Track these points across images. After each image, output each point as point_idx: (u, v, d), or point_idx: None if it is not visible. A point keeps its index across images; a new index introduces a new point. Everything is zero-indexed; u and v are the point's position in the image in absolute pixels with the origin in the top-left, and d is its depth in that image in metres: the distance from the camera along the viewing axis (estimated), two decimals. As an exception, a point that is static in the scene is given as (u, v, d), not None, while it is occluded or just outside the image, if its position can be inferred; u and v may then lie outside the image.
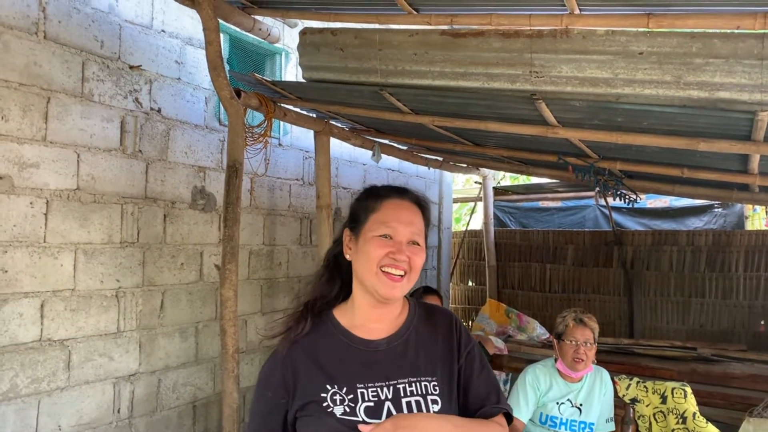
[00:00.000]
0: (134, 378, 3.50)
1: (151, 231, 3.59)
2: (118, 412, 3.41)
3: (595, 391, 2.90)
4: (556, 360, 2.98)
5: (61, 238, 3.10)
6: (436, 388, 1.43)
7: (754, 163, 3.31)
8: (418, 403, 1.39)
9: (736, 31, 2.38)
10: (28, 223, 2.96)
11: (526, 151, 4.41)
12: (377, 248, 1.41)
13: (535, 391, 2.90)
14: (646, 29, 2.48)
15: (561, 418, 2.85)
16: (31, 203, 2.97)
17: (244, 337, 4.32)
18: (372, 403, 1.36)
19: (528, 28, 2.69)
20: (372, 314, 1.47)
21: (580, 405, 2.87)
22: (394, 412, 1.35)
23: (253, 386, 1.52)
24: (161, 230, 3.66)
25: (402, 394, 1.39)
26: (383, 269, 1.40)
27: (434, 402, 1.41)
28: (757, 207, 6.73)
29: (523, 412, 2.87)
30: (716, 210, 6.82)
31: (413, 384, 1.42)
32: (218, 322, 4.02)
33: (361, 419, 1.33)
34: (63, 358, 3.12)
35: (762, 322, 5.92)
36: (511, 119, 3.35)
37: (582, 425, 2.84)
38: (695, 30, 2.46)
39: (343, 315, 1.49)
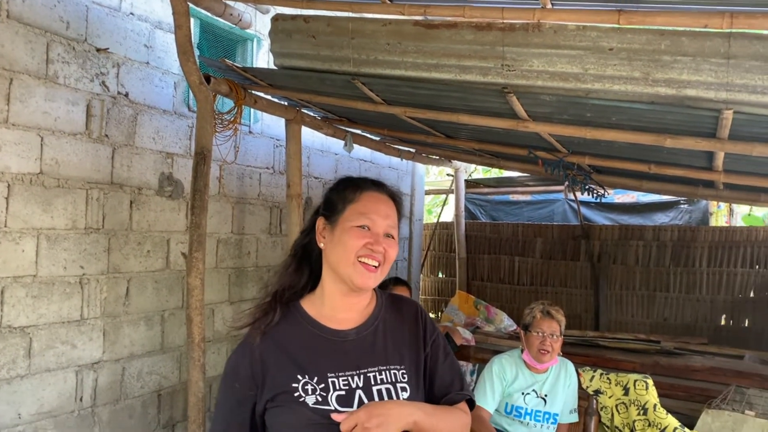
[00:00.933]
0: (98, 366, 3.45)
1: (117, 217, 3.53)
2: (81, 400, 3.35)
3: (560, 383, 2.94)
4: (522, 351, 3.02)
5: (22, 223, 3.03)
6: (405, 375, 1.47)
7: (719, 161, 3.37)
8: (388, 390, 1.42)
9: (703, 29, 2.40)
10: (-12, 207, 2.89)
11: (497, 144, 4.43)
12: (356, 238, 1.43)
13: (501, 381, 2.93)
14: (617, 25, 2.49)
15: (526, 408, 2.89)
16: (-9, 187, 2.90)
17: (210, 326, 4.27)
18: (343, 392, 1.38)
19: (501, 21, 2.69)
20: (342, 304, 1.48)
21: (545, 396, 2.91)
22: (365, 400, 1.38)
23: (220, 375, 1.51)
24: (127, 217, 3.60)
25: (372, 382, 1.42)
26: (360, 259, 1.43)
27: (403, 389, 1.44)
28: (721, 204, 6.87)
29: (489, 402, 2.90)
30: (682, 206, 6.95)
31: (383, 372, 1.44)
32: (185, 310, 3.97)
33: (333, 408, 1.35)
34: (24, 345, 3.06)
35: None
36: (482, 112, 3.36)
37: (546, 415, 2.88)
38: (664, 27, 2.49)
39: (311, 305, 1.49)
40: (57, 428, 3.22)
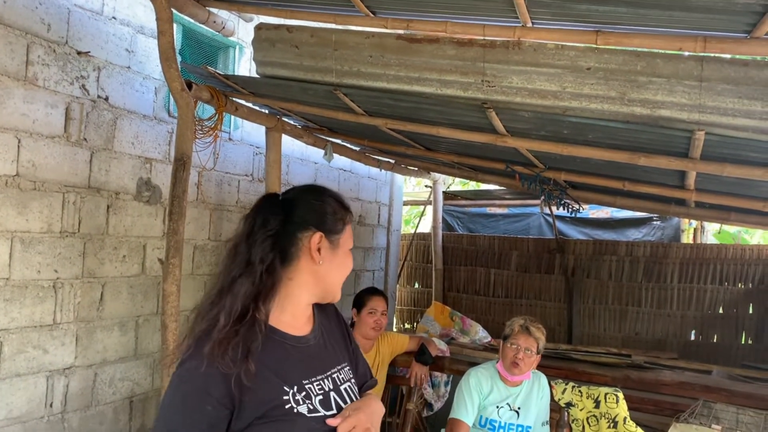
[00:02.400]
0: (69, 372, 3.41)
1: (93, 221, 3.50)
2: (51, 406, 3.31)
3: (533, 395, 2.98)
4: (498, 361, 3.06)
5: (-3, 226, 3.00)
6: (350, 372, 1.58)
7: (691, 179, 3.46)
8: (351, 388, 1.52)
9: (678, 52, 2.48)
10: (-39, 209, 2.85)
11: (475, 157, 4.49)
12: (351, 261, 1.55)
13: (478, 393, 2.96)
14: (594, 45, 2.56)
15: (500, 422, 2.92)
16: (-34, 188, 2.86)
17: (181, 333, 4.24)
18: (321, 396, 1.41)
19: (482, 37, 2.74)
20: (303, 311, 1.52)
21: (518, 408, 2.94)
22: (339, 401, 1.44)
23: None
24: (104, 221, 3.57)
25: (338, 383, 1.49)
26: None
27: (354, 384, 1.56)
28: (693, 221, 7.00)
29: (469, 415, 2.93)
30: (655, 223, 7.07)
31: (340, 371, 1.53)
32: (159, 316, 3.94)
33: (322, 414, 1.38)
34: (-6, 349, 3.01)
35: None
36: (462, 126, 3.41)
37: (519, 428, 2.92)
38: (640, 49, 2.57)
39: (269, 315, 1.43)
40: (26, 434, 3.18)
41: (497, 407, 2.93)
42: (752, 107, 2.39)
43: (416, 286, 8.12)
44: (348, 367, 1.57)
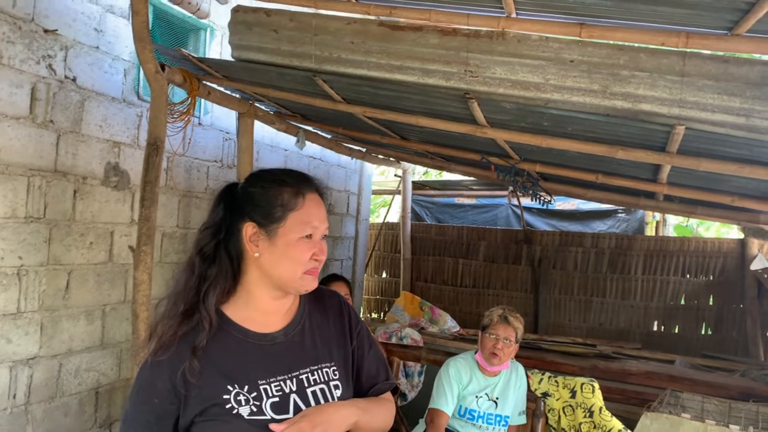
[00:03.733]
0: (33, 362, 3.29)
1: (60, 207, 3.38)
2: (14, 397, 3.19)
3: (511, 386, 3.00)
4: (476, 351, 3.06)
5: (-42, 210, 2.86)
6: (336, 372, 1.44)
7: (664, 173, 3.51)
8: (322, 391, 1.39)
9: (660, 47, 2.50)
10: None
11: (451, 147, 4.48)
12: (304, 252, 1.37)
13: (458, 383, 2.97)
14: (578, 38, 2.56)
15: (479, 411, 2.93)
16: (-75, 170, 2.72)
17: (152, 321, 4.14)
18: (277, 398, 1.33)
19: (466, 27, 2.72)
20: (270, 306, 1.42)
21: (497, 398, 2.96)
22: (301, 405, 1.34)
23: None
24: (70, 206, 3.45)
25: (306, 384, 1.38)
26: (306, 272, 1.38)
27: (336, 387, 1.42)
28: (656, 214, 7.15)
29: (449, 405, 2.94)
30: (620, 215, 7.20)
31: (315, 372, 1.41)
32: (127, 305, 3.85)
33: (269, 417, 1.29)
34: (-46, 339, 2.89)
35: None
36: (442, 116, 3.39)
37: (498, 418, 2.93)
38: (624, 43, 2.58)
39: (232, 309, 1.40)
40: (-13, 427, 3.07)
41: (476, 397, 2.94)
42: (731, 103, 2.43)
43: (384, 275, 8.12)
44: (333, 368, 1.44)
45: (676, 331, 6.30)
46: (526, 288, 7.04)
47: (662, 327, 6.38)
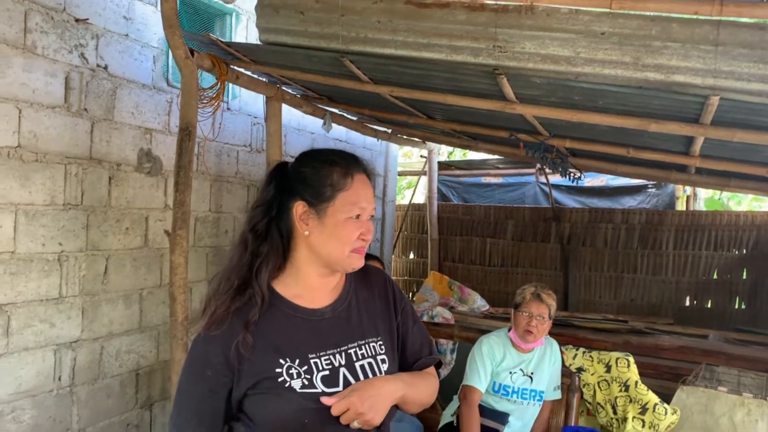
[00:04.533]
0: (76, 345, 3.39)
1: (96, 193, 3.45)
2: (59, 379, 3.29)
3: (545, 361, 3.02)
4: (509, 329, 3.07)
5: (0, 198, 2.94)
6: (382, 347, 1.47)
7: (697, 146, 3.46)
8: (370, 365, 1.42)
9: (693, 16, 2.45)
10: (-36, 181, 2.79)
11: (478, 125, 4.46)
12: (352, 231, 1.40)
13: (491, 360, 2.99)
14: (609, 10, 2.52)
15: (513, 387, 2.95)
16: (-32, 160, 2.80)
17: (189, 304, 4.22)
18: (327, 372, 1.36)
19: (494, 2, 2.70)
20: (318, 283, 1.46)
21: (531, 374, 2.98)
22: (350, 378, 1.37)
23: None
24: (106, 193, 3.52)
25: (354, 359, 1.41)
26: (353, 251, 1.42)
27: (383, 361, 1.45)
28: (687, 188, 7.05)
29: (482, 382, 2.96)
30: (650, 190, 7.11)
31: (362, 347, 1.44)
32: (163, 289, 3.92)
33: (320, 390, 1.33)
34: (1, 323, 2.98)
35: None
36: (469, 93, 3.37)
37: (533, 393, 2.96)
38: (655, 13, 2.54)
39: (282, 285, 1.44)
40: (35, 408, 3.16)
41: (510, 373, 2.97)
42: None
43: (411, 256, 8.14)
44: (380, 343, 1.47)
45: (709, 305, 6.24)
46: (555, 266, 7.02)
47: (695, 302, 6.33)
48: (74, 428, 3.38)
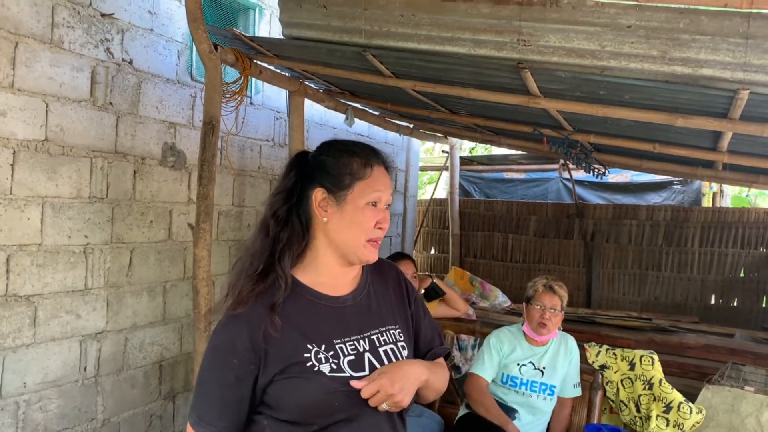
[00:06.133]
0: (101, 336, 3.43)
1: (121, 187, 3.49)
2: (85, 370, 3.34)
3: (560, 356, 3.02)
4: (523, 323, 3.08)
5: (28, 191, 2.98)
6: (401, 334, 1.51)
7: (725, 141, 3.40)
8: (393, 350, 1.46)
9: (723, 8, 2.40)
10: (-7, 174, 2.84)
11: (501, 120, 4.42)
12: (369, 218, 1.42)
13: (498, 352, 3.04)
14: (636, 2, 2.48)
15: (521, 379, 2.97)
16: (-3, 153, 2.85)
17: (212, 297, 4.26)
18: (353, 357, 1.38)
19: (518, -5, 2.67)
20: (338, 272, 1.48)
21: (543, 368, 2.99)
22: (375, 362, 1.40)
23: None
24: (131, 186, 3.56)
25: (377, 344, 1.44)
26: (370, 239, 1.44)
27: (403, 347, 1.49)
28: (713, 185, 6.94)
29: (487, 371, 3.03)
30: (675, 186, 7.01)
31: (383, 333, 1.47)
32: (186, 282, 3.96)
33: (348, 374, 1.34)
34: (29, 314, 3.03)
35: None
36: (493, 87, 3.34)
37: (543, 387, 2.96)
38: (684, 6, 2.49)
39: (303, 273, 1.45)
40: (61, 397, 3.22)
41: (518, 365, 2.99)
42: (800, 65, 2.33)
43: (433, 251, 8.12)
44: (398, 330, 1.50)
45: (735, 304, 6.14)
46: (578, 262, 6.95)
47: (720, 300, 6.22)
48: (99, 418, 3.44)
